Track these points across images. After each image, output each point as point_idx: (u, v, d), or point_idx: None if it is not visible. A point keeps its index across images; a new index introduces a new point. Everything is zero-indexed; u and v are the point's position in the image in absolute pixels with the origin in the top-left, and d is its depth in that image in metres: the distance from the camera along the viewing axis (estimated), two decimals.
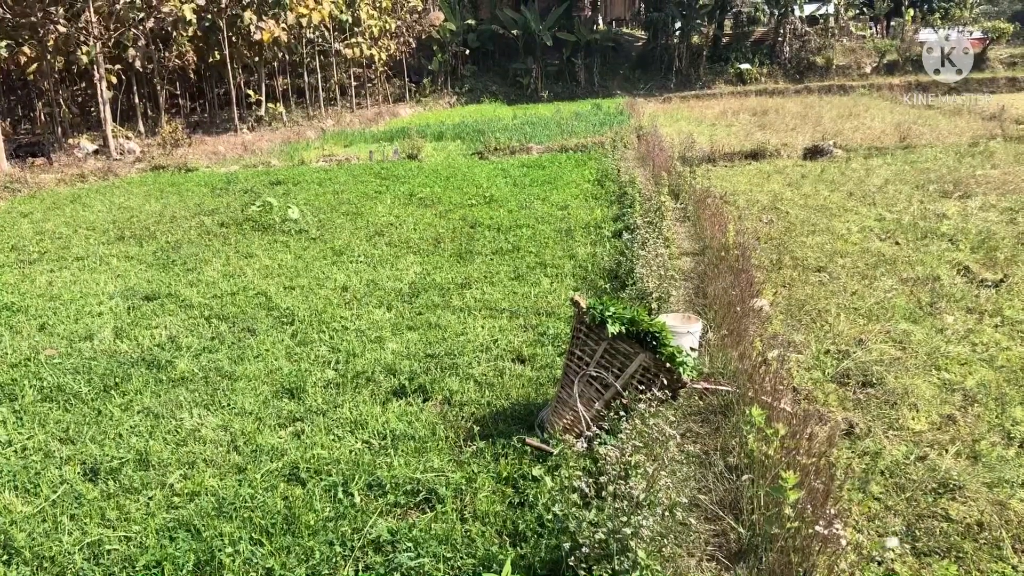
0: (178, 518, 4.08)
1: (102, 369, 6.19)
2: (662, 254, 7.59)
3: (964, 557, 3.61)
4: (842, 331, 6.41)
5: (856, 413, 5.05)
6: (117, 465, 4.66)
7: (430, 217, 11.48)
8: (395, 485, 4.26)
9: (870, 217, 10.24)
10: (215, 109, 30.08)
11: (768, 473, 3.64)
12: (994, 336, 6.19)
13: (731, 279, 6.59)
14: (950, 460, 4.41)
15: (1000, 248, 8.41)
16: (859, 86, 34.55)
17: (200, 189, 14.96)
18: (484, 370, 5.83)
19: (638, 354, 4.46)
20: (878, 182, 12.52)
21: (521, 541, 3.73)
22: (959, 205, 10.62)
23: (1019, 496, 4.06)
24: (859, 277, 7.79)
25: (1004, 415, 4.92)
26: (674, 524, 3.45)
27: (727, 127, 21.79)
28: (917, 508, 3.99)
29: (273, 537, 3.85)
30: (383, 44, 34.71)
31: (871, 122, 20.77)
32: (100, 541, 3.91)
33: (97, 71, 20.05)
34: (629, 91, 39.17)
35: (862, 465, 4.41)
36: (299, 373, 5.95)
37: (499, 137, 19.17)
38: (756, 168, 14.90)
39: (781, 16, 41.17)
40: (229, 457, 4.73)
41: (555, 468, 4.26)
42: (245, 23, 24.20)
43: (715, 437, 4.70)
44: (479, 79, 42.38)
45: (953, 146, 15.81)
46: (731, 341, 5.52)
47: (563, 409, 4.62)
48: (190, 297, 8.05)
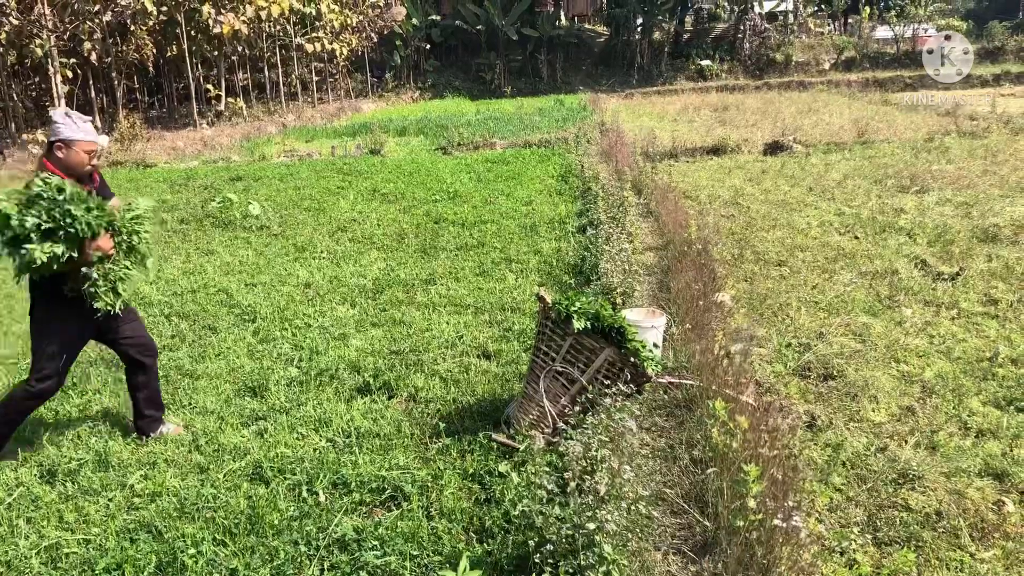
0: (139, 519, 4.01)
1: None
2: (626, 249, 7.63)
3: (923, 545, 3.68)
4: (803, 324, 6.49)
5: (818, 405, 5.12)
6: (75, 466, 4.58)
7: (394, 213, 11.42)
8: (360, 483, 4.23)
9: (830, 211, 10.38)
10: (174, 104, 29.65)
11: (732, 466, 3.67)
12: (951, 328, 6.30)
13: (694, 274, 6.64)
14: (909, 451, 4.48)
15: (956, 242, 8.56)
16: (818, 82, 34.94)
17: (159, 185, 14.74)
18: (449, 366, 5.81)
19: (604, 348, 4.47)
20: (837, 177, 12.68)
21: (488, 537, 3.72)
22: (916, 200, 10.80)
23: (976, 485, 4.14)
24: (819, 271, 7.89)
25: (961, 406, 5.02)
26: (640, 518, 3.46)
27: (689, 123, 21.94)
28: (878, 498, 4.05)
29: (236, 537, 3.80)
30: (344, 39, 34.44)
31: (830, 118, 21.04)
32: (58, 544, 3.83)
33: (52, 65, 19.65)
34: (592, 87, 39.28)
35: (824, 457, 4.47)
36: (261, 371, 5.89)
37: (463, 132, 19.11)
38: (717, 163, 15.03)
39: (741, 13, 41.55)
40: (191, 457, 4.67)
41: (521, 464, 4.26)
42: (204, 16, 23.86)
43: (680, 431, 4.73)
44: (442, 74, 42.25)
45: (910, 141, 16.07)
46: (694, 335, 5.56)
47: (529, 405, 4.62)
48: (149, 295, 7.93)
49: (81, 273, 4.37)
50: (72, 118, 4.44)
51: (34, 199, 4.16)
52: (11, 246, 4.17)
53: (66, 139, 4.41)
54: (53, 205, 4.16)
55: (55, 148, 4.42)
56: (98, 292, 4.42)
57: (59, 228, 4.17)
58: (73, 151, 4.43)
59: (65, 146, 4.42)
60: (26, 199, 4.17)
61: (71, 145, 4.42)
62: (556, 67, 41.97)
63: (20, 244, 4.15)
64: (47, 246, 4.14)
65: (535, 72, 42.08)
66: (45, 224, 4.14)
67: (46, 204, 4.15)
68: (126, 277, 4.53)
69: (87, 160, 4.49)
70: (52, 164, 4.41)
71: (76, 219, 4.19)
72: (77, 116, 4.46)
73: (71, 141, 4.42)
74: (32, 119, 23.84)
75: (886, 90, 31.82)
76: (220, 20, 24.54)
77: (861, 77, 35.73)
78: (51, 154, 4.43)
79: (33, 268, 4.20)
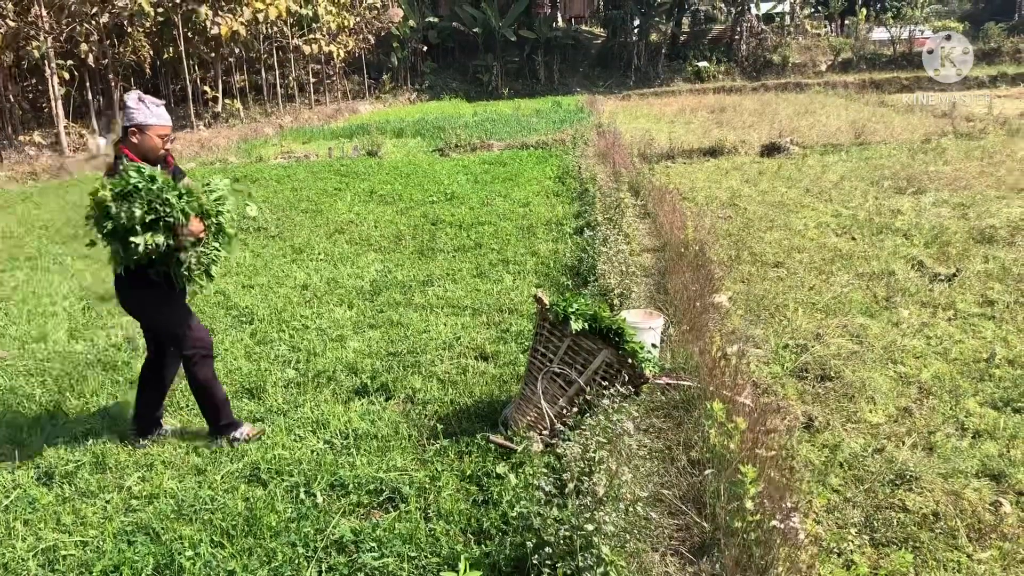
0: (136, 521, 4.01)
1: (57, 371, 6.07)
2: (623, 251, 7.63)
3: (921, 546, 3.68)
4: (800, 325, 6.50)
5: (815, 406, 5.12)
6: (73, 468, 4.57)
7: (391, 214, 11.42)
8: (358, 485, 4.23)
9: (826, 213, 10.39)
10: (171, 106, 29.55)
11: (729, 467, 3.68)
12: (947, 329, 6.31)
13: (691, 275, 6.65)
14: (907, 452, 4.49)
15: (952, 243, 8.58)
16: (815, 84, 34.99)
17: None
18: (447, 368, 5.81)
19: (601, 350, 4.47)
20: (834, 178, 12.70)
21: (486, 539, 3.72)
22: (913, 201, 10.82)
23: (973, 486, 4.15)
24: (816, 272, 7.90)
25: (958, 407, 5.02)
26: (638, 519, 3.46)
27: (686, 124, 21.96)
28: (875, 499, 4.06)
29: (234, 539, 3.80)
30: (342, 40, 34.42)
31: (827, 119, 21.06)
32: (55, 547, 3.83)
33: (48, 67, 19.63)
34: (589, 88, 39.29)
35: (821, 458, 4.48)
36: (259, 373, 5.88)
37: (460, 134, 19.11)
38: (714, 165, 15.05)
39: (738, 14, 41.58)
40: (188, 459, 4.67)
41: (519, 465, 4.26)
42: (201, 18, 23.84)
43: (677, 432, 4.73)
44: (439, 76, 42.25)
45: (906, 143, 16.10)
46: (692, 336, 5.56)
47: (527, 406, 4.62)
48: None
49: (175, 258, 4.38)
50: (145, 103, 4.44)
51: (130, 190, 4.14)
52: (112, 238, 4.18)
53: (140, 124, 4.41)
54: (152, 195, 4.16)
55: (130, 134, 4.42)
56: (192, 276, 4.46)
57: (159, 217, 4.18)
58: (148, 136, 4.44)
59: (140, 131, 4.42)
60: (121, 190, 4.15)
61: (146, 130, 4.43)
62: (553, 69, 42.00)
63: (121, 236, 4.15)
64: (149, 236, 4.16)
65: (532, 74, 42.09)
66: (148, 215, 4.15)
67: (146, 194, 4.15)
68: (217, 259, 4.56)
69: (161, 144, 4.50)
70: (128, 150, 4.42)
71: (173, 207, 4.20)
72: (150, 100, 4.46)
73: (146, 126, 4.42)
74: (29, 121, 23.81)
75: (883, 91, 31.89)
76: (217, 22, 24.52)
77: (858, 79, 35.77)
78: (127, 140, 4.44)
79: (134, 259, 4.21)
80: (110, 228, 4.15)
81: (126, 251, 4.18)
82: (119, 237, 4.18)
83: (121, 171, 4.23)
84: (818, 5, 45.44)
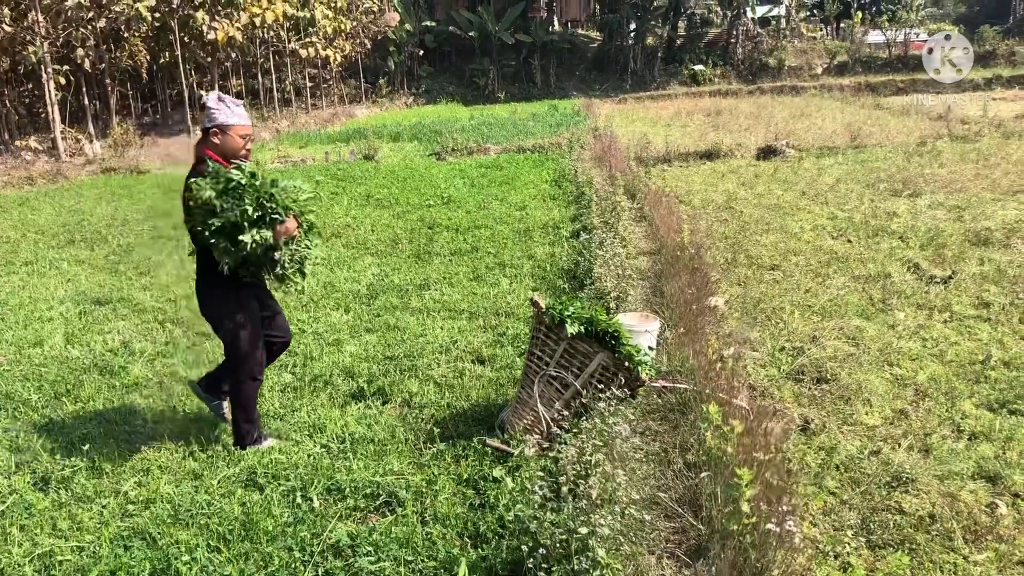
0: (133, 526, 4.00)
1: (53, 376, 6.06)
2: (619, 254, 7.64)
3: (917, 548, 3.68)
4: (796, 328, 6.51)
5: (811, 409, 5.13)
6: (69, 473, 4.56)
7: (388, 218, 11.42)
8: (354, 489, 4.23)
9: (822, 215, 10.41)
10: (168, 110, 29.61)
11: (725, 470, 3.68)
12: (943, 331, 6.32)
13: (687, 278, 6.66)
14: (903, 454, 4.49)
15: (948, 245, 8.59)
16: (810, 87, 35.05)
17: (153, 191, 14.73)
18: (444, 371, 5.81)
19: (597, 353, 4.48)
20: (830, 181, 12.72)
21: (482, 543, 3.72)
22: (908, 203, 10.84)
23: (969, 488, 4.15)
24: (812, 275, 7.91)
25: (954, 409, 5.03)
26: (633, 522, 3.47)
27: (682, 127, 21.99)
28: (871, 502, 4.06)
29: (231, 544, 3.79)
30: (338, 45, 34.45)
31: (823, 122, 21.11)
32: (52, 552, 3.82)
33: (44, 71, 19.63)
34: (585, 92, 39.33)
35: (818, 460, 4.48)
36: None
37: (456, 138, 19.13)
38: (710, 168, 15.07)
39: (734, 18, 41.67)
40: (185, 463, 4.66)
41: (516, 469, 4.26)
42: (198, 23, 23.85)
43: (674, 435, 4.74)
44: (436, 80, 42.29)
45: (902, 145, 16.13)
46: (688, 339, 5.57)
47: (523, 410, 4.63)
48: (143, 301, 7.92)
49: (270, 257, 4.38)
50: (226, 103, 4.43)
51: (234, 186, 4.15)
52: (219, 235, 4.18)
53: (222, 124, 4.40)
54: (257, 192, 4.18)
55: (211, 134, 4.41)
56: (287, 274, 4.47)
57: (264, 214, 4.20)
58: (229, 136, 4.43)
59: (221, 131, 4.41)
60: (224, 187, 4.16)
61: (227, 130, 4.41)
62: (550, 72, 42.05)
63: (227, 233, 4.16)
64: (256, 232, 4.16)
65: (529, 77, 42.13)
66: (256, 211, 4.16)
67: (252, 191, 4.17)
68: (308, 256, 4.56)
69: (243, 144, 4.49)
70: (211, 151, 4.42)
71: (277, 204, 4.22)
72: (231, 100, 4.46)
73: (227, 126, 4.41)
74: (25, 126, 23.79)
75: (878, 94, 31.95)
76: (214, 27, 24.53)
77: (854, 81, 35.85)
78: (208, 140, 4.43)
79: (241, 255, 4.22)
80: (217, 225, 4.14)
81: (234, 247, 4.18)
82: (225, 234, 4.18)
83: (217, 170, 4.23)
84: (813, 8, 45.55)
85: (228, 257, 4.23)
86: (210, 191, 4.14)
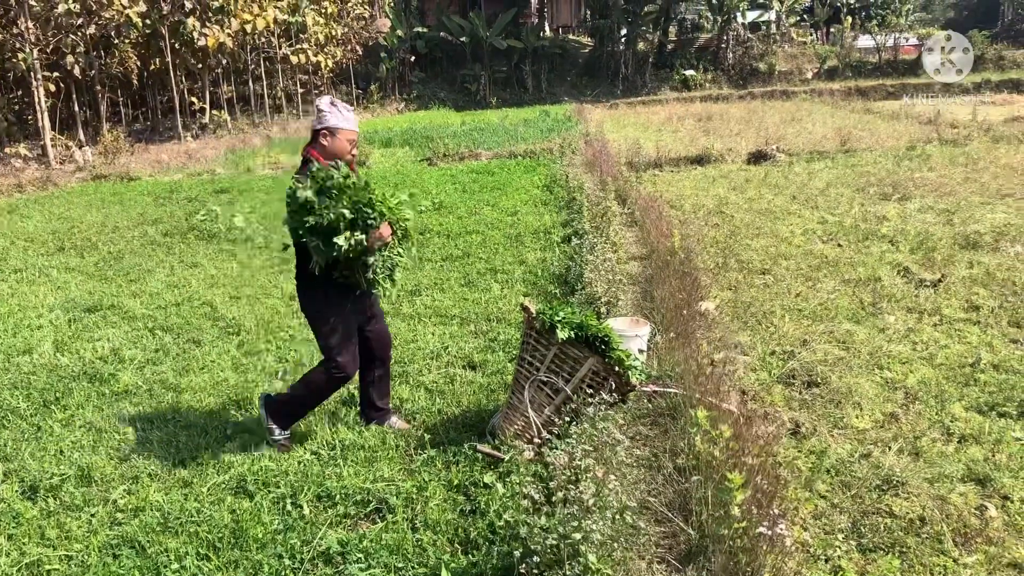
0: (122, 535, 3.98)
1: (42, 384, 6.04)
2: (610, 259, 7.65)
3: (907, 551, 3.69)
4: (787, 332, 6.52)
5: (802, 413, 5.13)
6: (57, 482, 4.54)
7: None
8: (345, 495, 4.22)
9: (813, 220, 10.44)
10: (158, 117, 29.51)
11: (716, 474, 3.68)
12: (933, 335, 6.34)
13: (677, 283, 6.66)
14: (893, 457, 4.50)
15: (938, 249, 8.62)
16: (801, 91, 35.15)
17: (143, 198, 14.69)
18: (435, 377, 5.81)
19: (588, 358, 4.47)
20: (820, 185, 12.76)
21: (473, 549, 3.71)
22: (898, 207, 10.87)
23: (959, 491, 4.16)
24: (803, 279, 7.93)
25: (944, 412, 5.05)
26: (624, 527, 3.47)
27: (673, 132, 22.04)
28: (862, 505, 4.07)
29: (220, 551, 3.78)
30: (329, 51, 34.43)
31: (813, 126, 21.17)
32: (40, 561, 3.80)
33: (34, 78, 19.57)
34: (576, 97, 39.37)
35: (808, 464, 4.48)
36: (246, 384, 5.86)
37: (448, 143, 19.13)
38: (701, 173, 15.09)
39: (724, 23, 41.76)
40: (174, 471, 4.64)
41: (507, 474, 4.25)
42: (188, 30, 23.82)
43: (664, 439, 4.74)
44: (427, 86, 42.25)
45: (892, 150, 16.19)
46: (678, 344, 5.57)
47: (514, 415, 4.62)
48: (133, 308, 7.89)
49: (362, 261, 4.40)
50: (338, 107, 4.50)
51: (327, 187, 4.18)
52: (312, 235, 4.20)
53: (332, 127, 4.47)
54: (355, 194, 4.20)
55: (321, 136, 4.47)
56: (377, 279, 4.48)
57: (360, 218, 4.21)
58: (337, 139, 4.49)
59: (330, 134, 4.47)
60: (317, 188, 4.18)
61: (336, 133, 4.48)
62: (541, 78, 42.06)
63: (321, 233, 4.17)
64: (350, 234, 4.18)
65: (520, 83, 42.15)
66: (352, 214, 4.18)
67: (350, 194, 4.19)
68: (400, 264, 4.59)
69: (349, 149, 4.54)
70: (317, 152, 4.47)
71: (374, 208, 4.24)
72: (342, 105, 4.52)
73: (336, 129, 4.47)
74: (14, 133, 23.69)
75: (868, 99, 32.05)
76: (205, 33, 24.51)
77: (843, 86, 35.97)
78: (316, 143, 4.48)
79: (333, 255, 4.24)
80: (312, 224, 4.16)
81: (326, 247, 4.19)
82: (319, 234, 4.20)
83: (318, 170, 4.26)
84: (804, 13, 45.72)
85: (319, 256, 4.26)
86: (308, 191, 4.18)
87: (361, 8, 37.33)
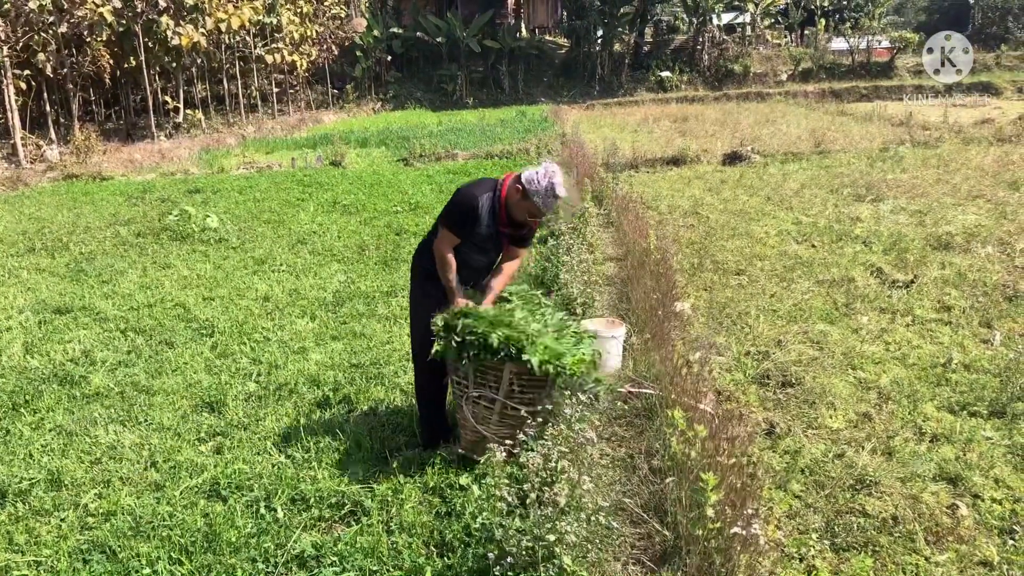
0: (92, 539, 3.93)
1: (11, 386, 5.95)
2: (586, 260, 7.65)
3: (880, 550, 3.72)
4: (762, 332, 6.55)
5: (776, 413, 5.16)
6: (27, 486, 4.48)
7: (354, 225, 11.36)
8: (319, 498, 4.19)
9: (787, 221, 10.51)
10: (131, 116, 29.22)
11: (691, 475, 3.69)
12: (906, 335, 6.40)
13: (653, 283, 6.68)
14: (866, 457, 4.53)
15: (910, 250, 8.70)
16: (775, 93, 35.44)
17: (115, 198, 14.54)
18: (410, 379, 5.77)
19: (504, 365, 4.24)
20: (795, 186, 12.85)
21: (448, 551, 3.70)
22: (871, 208, 10.97)
23: (931, 490, 4.20)
24: (777, 279, 7.98)
25: (916, 411, 5.09)
26: (599, 529, 3.46)
27: (649, 133, 22.12)
28: (835, 504, 4.09)
29: (193, 556, 3.74)
30: (305, 50, 34.25)
31: (787, 128, 21.33)
32: (7, 567, 3.74)
33: (4, 76, 19.31)
34: (553, 98, 39.44)
35: (783, 464, 4.51)
36: (219, 386, 5.81)
37: (424, 144, 19.09)
38: (677, 174, 15.16)
39: (700, 25, 42.01)
40: (146, 474, 4.59)
41: (482, 476, 4.24)
42: (162, 28, 23.60)
43: (639, 440, 4.75)
44: (404, 86, 42.15)
45: (865, 151, 16.33)
46: (654, 344, 5.58)
47: (465, 431, 4.48)
48: (105, 310, 7.80)
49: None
50: (554, 191, 4.24)
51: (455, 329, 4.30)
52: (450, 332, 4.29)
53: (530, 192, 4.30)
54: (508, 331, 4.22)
55: (518, 189, 4.34)
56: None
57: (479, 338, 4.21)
58: (523, 203, 4.36)
59: (524, 196, 4.32)
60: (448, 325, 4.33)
61: (528, 198, 4.31)
62: (517, 79, 42.10)
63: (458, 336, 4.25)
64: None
65: (496, 84, 42.16)
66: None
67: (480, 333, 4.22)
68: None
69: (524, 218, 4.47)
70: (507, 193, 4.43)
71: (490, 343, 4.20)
72: (560, 190, 4.25)
73: (531, 196, 4.30)
74: None
75: (842, 100, 32.37)
76: (179, 32, 24.29)
77: (817, 88, 36.30)
78: (514, 186, 4.38)
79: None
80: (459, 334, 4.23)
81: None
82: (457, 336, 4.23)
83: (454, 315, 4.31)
84: (778, 16, 46.06)
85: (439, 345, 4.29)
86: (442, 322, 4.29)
87: (337, 8, 37.19)
